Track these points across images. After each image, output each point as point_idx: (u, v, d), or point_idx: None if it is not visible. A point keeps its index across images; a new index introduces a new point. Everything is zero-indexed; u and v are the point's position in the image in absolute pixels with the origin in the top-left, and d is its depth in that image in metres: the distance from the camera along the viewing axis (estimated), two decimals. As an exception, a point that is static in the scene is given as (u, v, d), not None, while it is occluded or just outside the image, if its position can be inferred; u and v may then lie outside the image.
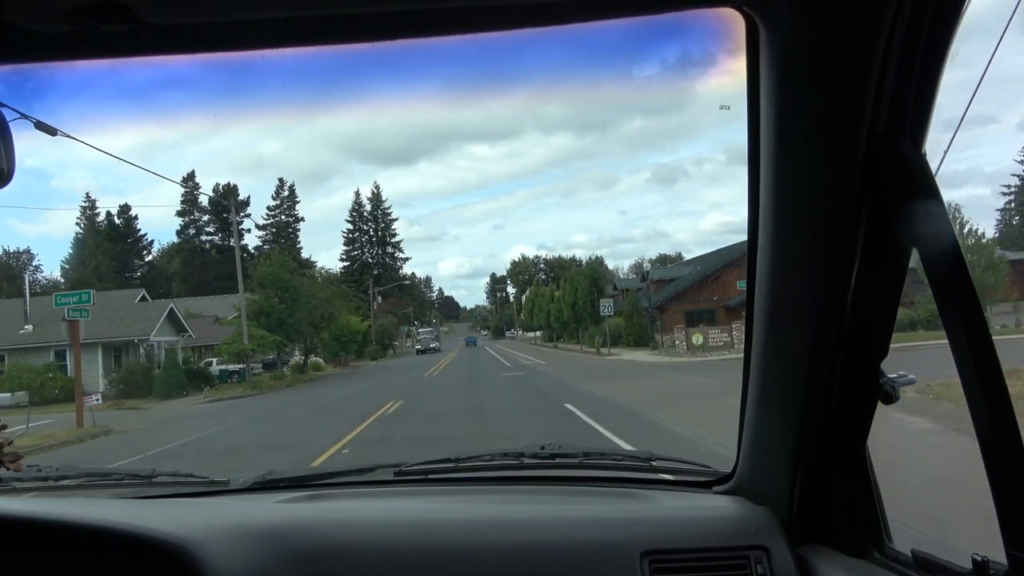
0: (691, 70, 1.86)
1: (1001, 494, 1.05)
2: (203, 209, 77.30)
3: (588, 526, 1.75)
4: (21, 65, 1.18)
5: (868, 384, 1.39)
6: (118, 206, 74.70)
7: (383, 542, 1.71)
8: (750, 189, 1.41)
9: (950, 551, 1.29)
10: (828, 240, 1.31)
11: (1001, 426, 1.04)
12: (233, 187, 76.21)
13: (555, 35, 1.18)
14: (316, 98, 2.04)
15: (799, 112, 1.24)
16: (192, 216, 78.18)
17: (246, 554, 1.58)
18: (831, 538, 1.58)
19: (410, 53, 1.22)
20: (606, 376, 23.57)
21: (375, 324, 58.37)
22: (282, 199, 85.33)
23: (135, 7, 1.00)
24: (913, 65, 1.13)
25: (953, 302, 1.08)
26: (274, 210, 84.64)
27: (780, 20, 1.18)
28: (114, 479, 2.34)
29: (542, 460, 2.25)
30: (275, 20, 1.11)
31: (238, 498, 2.21)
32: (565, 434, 10.98)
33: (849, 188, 1.23)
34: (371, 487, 2.31)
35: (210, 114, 2.27)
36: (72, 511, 1.66)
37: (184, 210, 77.17)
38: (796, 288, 1.41)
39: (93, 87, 1.34)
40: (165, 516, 1.72)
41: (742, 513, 1.73)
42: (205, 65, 1.28)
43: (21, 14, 1.02)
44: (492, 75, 1.49)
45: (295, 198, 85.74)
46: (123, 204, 74.64)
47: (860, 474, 1.51)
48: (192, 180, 74.91)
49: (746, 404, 1.70)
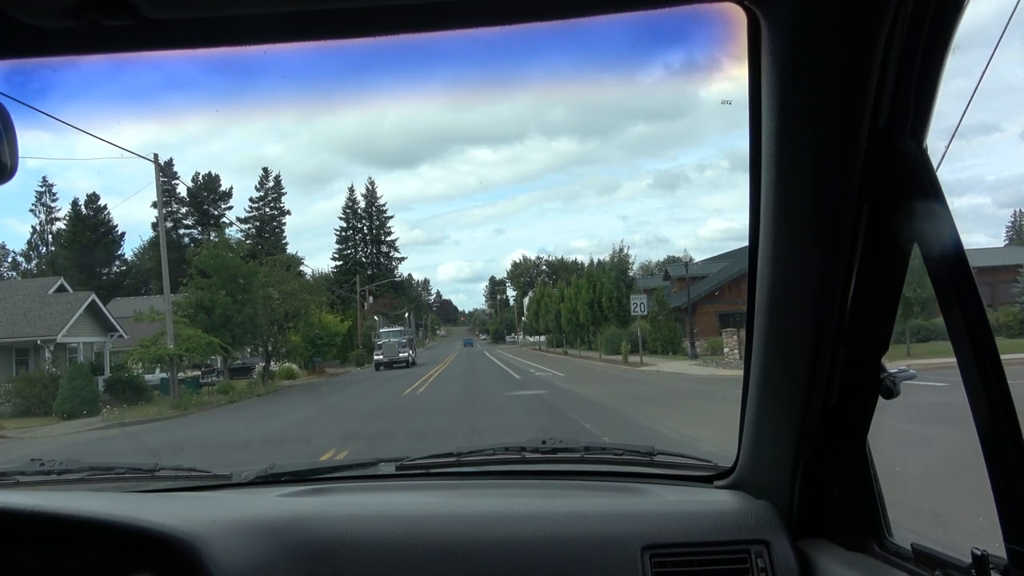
0: (694, 68, 1.83)
1: (1001, 489, 1.05)
2: (181, 200, 71.81)
3: (589, 520, 1.75)
4: (25, 61, 1.19)
5: (869, 379, 1.40)
6: (85, 195, 67.98)
7: (385, 536, 1.72)
8: (751, 185, 1.40)
9: (950, 545, 1.30)
10: (829, 235, 1.31)
11: (1001, 421, 1.04)
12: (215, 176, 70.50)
13: (558, 36, 1.18)
14: (319, 99, 2.08)
15: (801, 107, 1.24)
16: (169, 208, 72.72)
17: (249, 548, 1.60)
18: (831, 532, 1.59)
19: (413, 53, 1.22)
20: (672, 402, 16.17)
21: (363, 326, 51.22)
22: (266, 190, 78.43)
23: (137, 2, 1.00)
24: (915, 60, 1.13)
25: (954, 297, 1.08)
26: (257, 202, 78.00)
27: (782, 16, 1.17)
28: (117, 473, 2.33)
29: (543, 454, 2.25)
30: (276, 15, 1.11)
31: (241, 492, 2.23)
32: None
33: (850, 183, 1.23)
34: (373, 481, 2.31)
35: (212, 114, 2.32)
36: (75, 505, 1.67)
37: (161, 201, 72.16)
38: (797, 283, 1.41)
39: (96, 86, 1.38)
40: (168, 510, 1.73)
41: (743, 507, 1.75)
42: (207, 64, 1.27)
43: (24, 9, 1.03)
44: (495, 76, 1.50)
45: (281, 190, 78.95)
46: (91, 193, 67.83)
47: (860, 469, 1.52)
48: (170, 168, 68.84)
49: (747, 399, 1.70)
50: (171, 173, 68.77)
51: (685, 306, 35.57)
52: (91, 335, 27.89)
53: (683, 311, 39.23)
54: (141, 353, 24.23)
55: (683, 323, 39.19)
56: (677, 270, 49.34)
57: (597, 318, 42.52)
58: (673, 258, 61.91)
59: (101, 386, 24.82)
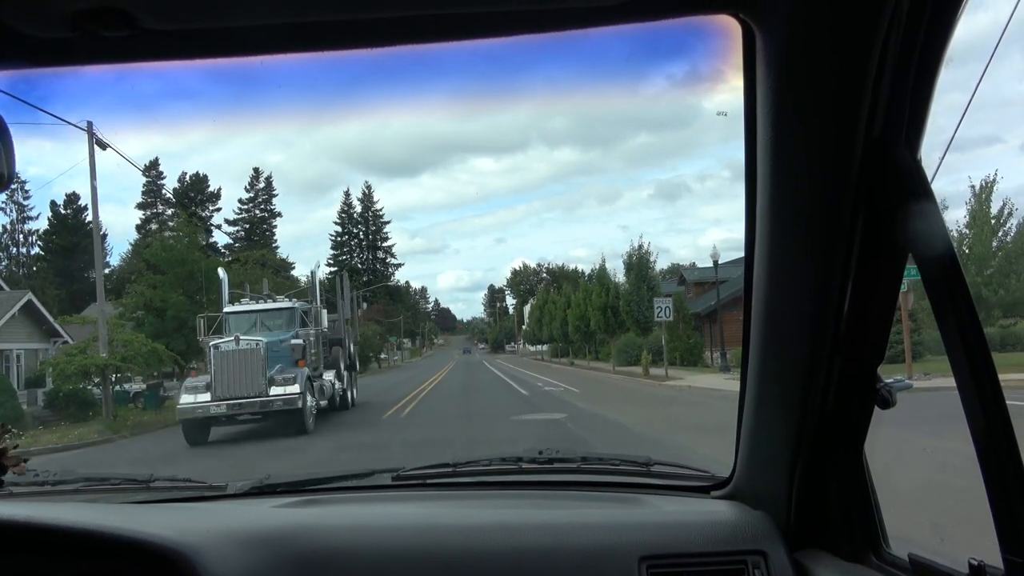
0: (692, 80, 1.84)
1: (997, 498, 1.05)
2: (167, 202, 68.51)
3: (586, 531, 1.74)
4: (26, 72, 1.19)
5: (865, 389, 1.40)
6: (64, 195, 64.17)
7: (381, 547, 1.71)
8: (747, 194, 1.41)
9: (947, 556, 1.29)
10: (824, 245, 1.31)
11: (997, 429, 1.04)
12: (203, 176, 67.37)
13: (557, 47, 1.20)
14: (320, 108, 2.04)
15: (796, 117, 1.25)
16: (155, 210, 69.33)
17: (244, 559, 1.59)
18: (828, 543, 1.58)
19: (414, 64, 1.23)
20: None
21: (354, 333, 47.14)
22: (256, 191, 74.79)
23: (135, 13, 1.00)
24: (909, 71, 1.14)
25: (948, 306, 1.09)
26: (247, 203, 74.33)
27: (777, 27, 1.19)
28: (111, 483, 2.32)
29: (540, 465, 2.23)
30: (276, 27, 1.10)
31: (235, 503, 2.20)
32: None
33: (845, 193, 1.24)
34: (369, 492, 2.29)
35: (212, 123, 2.46)
36: (70, 516, 1.67)
37: (146, 203, 68.56)
38: (793, 292, 1.42)
39: (97, 96, 1.38)
40: (163, 521, 1.73)
41: (740, 518, 1.74)
42: (208, 74, 1.26)
43: (22, 19, 1.02)
44: (496, 87, 1.51)
45: (272, 191, 74.95)
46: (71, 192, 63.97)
47: (857, 479, 1.51)
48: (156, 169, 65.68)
49: (744, 408, 1.70)
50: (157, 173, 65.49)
51: (707, 312, 31.87)
52: (29, 341, 24.00)
53: (703, 318, 35.40)
54: (64, 363, 19.61)
55: (702, 331, 35.35)
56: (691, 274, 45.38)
57: (611, 325, 38.02)
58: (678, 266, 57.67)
59: (41, 400, 21.02)
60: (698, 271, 44.63)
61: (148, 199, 68.80)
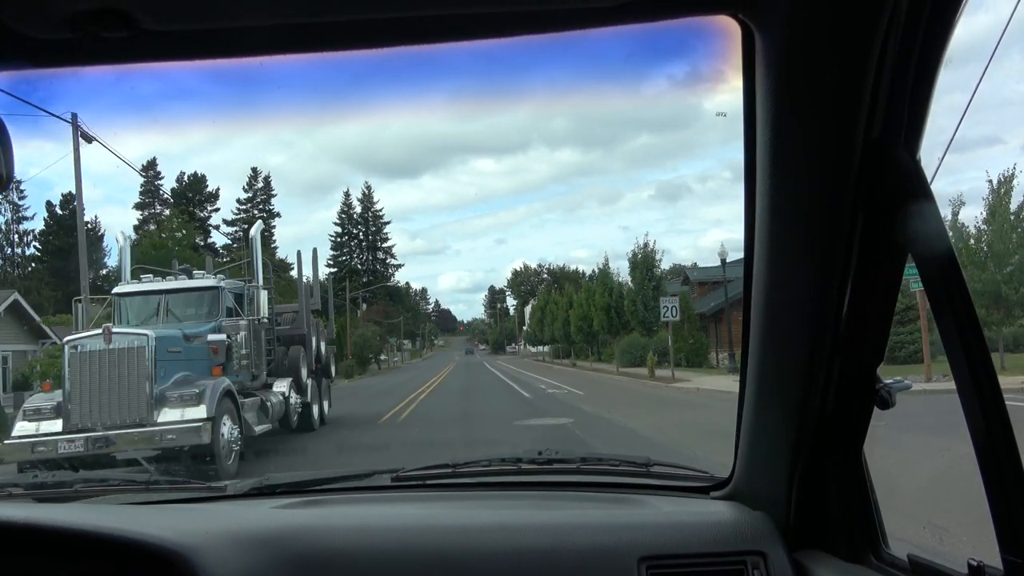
0: (692, 80, 1.86)
1: (997, 498, 1.05)
2: (165, 202, 68.34)
3: (586, 532, 1.75)
4: (26, 73, 1.18)
5: (864, 389, 1.41)
6: (61, 195, 64.11)
7: (380, 548, 1.70)
8: (747, 194, 1.41)
9: (946, 556, 1.29)
10: (824, 245, 1.31)
11: (996, 429, 1.04)
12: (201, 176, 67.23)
13: (558, 48, 1.20)
14: (321, 109, 2.08)
15: (795, 118, 1.25)
16: (153, 210, 69.10)
17: (243, 560, 1.59)
18: (828, 543, 1.59)
19: (415, 65, 1.23)
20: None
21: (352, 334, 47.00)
22: (255, 191, 74.67)
23: (134, 14, 1.00)
24: (908, 71, 1.14)
25: (947, 306, 1.09)
26: (246, 204, 74.16)
27: (776, 28, 1.19)
28: (111, 485, 2.32)
29: (540, 466, 2.23)
30: (277, 27, 1.10)
31: (235, 504, 2.20)
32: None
33: (845, 194, 1.24)
34: (368, 492, 2.29)
35: (212, 124, 2.46)
36: (69, 517, 1.67)
37: (143, 203, 68.16)
38: (792, 293, 1.42)
39: (97, 97, 1.36)
40: (162, 522, 1.72)
41: (739, 518, 1.74)
42: (208, 75, 1.26)
43: (22, 19, 1.02)
44: (497, 88, 1.51)
45: (271, 190, 74.65)
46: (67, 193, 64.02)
47: (857, 479, 1.51)
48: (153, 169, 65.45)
49: (743, 409, 1.70)
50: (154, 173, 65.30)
51: (712, 312, 31.81)
52: (15, 342, 23.46)
53: (707, 318, 35.33)
54: (48, 365, 18.07)
55: (707, 332, 35.28)
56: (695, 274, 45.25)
57: (615, 325, 37.87)
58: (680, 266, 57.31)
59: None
60: (701, 271, 44.51)
61: (146, 199, 68.71)
